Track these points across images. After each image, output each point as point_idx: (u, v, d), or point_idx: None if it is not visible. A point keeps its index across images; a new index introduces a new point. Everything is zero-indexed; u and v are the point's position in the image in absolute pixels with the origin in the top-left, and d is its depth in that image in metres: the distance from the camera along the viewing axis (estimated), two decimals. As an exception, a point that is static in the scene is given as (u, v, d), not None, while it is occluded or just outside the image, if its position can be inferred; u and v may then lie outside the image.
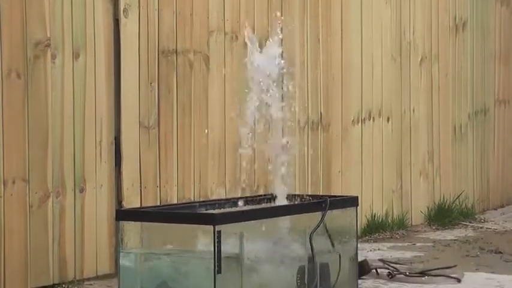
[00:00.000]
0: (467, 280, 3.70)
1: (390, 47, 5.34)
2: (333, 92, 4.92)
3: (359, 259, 3.46)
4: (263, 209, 3.15)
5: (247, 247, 2.83)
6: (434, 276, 3.70)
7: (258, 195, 3.45)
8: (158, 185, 3.96)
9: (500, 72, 6.52)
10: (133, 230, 2.93)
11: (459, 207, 5.74)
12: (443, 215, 5.56)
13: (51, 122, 3.55)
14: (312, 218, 3.09)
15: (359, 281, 3.43)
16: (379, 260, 3.94)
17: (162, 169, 3.99)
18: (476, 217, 5.80)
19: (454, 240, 4.93)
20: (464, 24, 6.05)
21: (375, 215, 5.12)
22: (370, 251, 4.52)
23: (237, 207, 3.19)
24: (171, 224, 2.85)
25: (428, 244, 4.79)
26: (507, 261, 4.20)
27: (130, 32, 3.86)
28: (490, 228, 5.43)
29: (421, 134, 5.61)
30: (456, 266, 3.90)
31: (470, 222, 5.60)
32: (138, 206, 3.82)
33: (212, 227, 2.70)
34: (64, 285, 3.55)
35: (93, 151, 3.71)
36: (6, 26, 3.39)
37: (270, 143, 3.21)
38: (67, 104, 3.61)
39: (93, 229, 3.70)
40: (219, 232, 2.70)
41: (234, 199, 3.27)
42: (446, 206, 5.67)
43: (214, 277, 2.69)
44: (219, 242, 2.70)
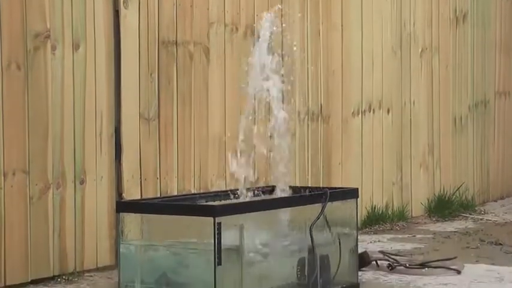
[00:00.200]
0: (467, 272, 3.70)
1: (390, 38, 5.33)
2: (333, 84, 4.92)
3: (359, 251, 3.46)
4: (263, 200, 3.15)
5: (247, 239, 2.83)
6: (435, 267, 3.71)
7: (258, 187, 3.46)
8: (158, 176, 3.96)
9: (500, 64, 6.51)
10: (133, 221, 2.93)
11: (459, 199, 5.74)
12: (443, 207, 5.56)
13: (51, 113, 3.55)
14: (312, 210, 3.09)
15: (359, 272, 3.43)
16: (379, 252, 3.95)
17: (162, 161, 3.99)
18: (476, 209, 5.80)
19: (454, 232, 4.93)
20: (465, 16, 6.04)
21: (375, 207, 5.12)
22: (370, 242, 4.53)
23: (237, 199, 3.19)
24: (171, 216, 2.86)
25: (429, 236, 4.80)
26: (507, 253, 4.20)
27: (131, 23, 3.86)
28: (490, 220, 5.43)
29: (421, 126, 5.61)
30: (456, 257, 3.91)
31: (471, 214, 5.60)
32: (139, 197, 3.82)
33: (212, 218, 2.71)
34: (64, 277, 3.55)
35: (93, 143, 3.71)
36: (6, 18, 3.39)
37: (270, 135, 3.21)
38: (67, 96, 3.61)
39: (93, 221, 3.70)
40: (219, 224, 2.71)
41: (234, 191, 3.27)
42: (447, 198, 5.67)
43: (215, 269, 2.70)
44: (219, 233, 2.70)
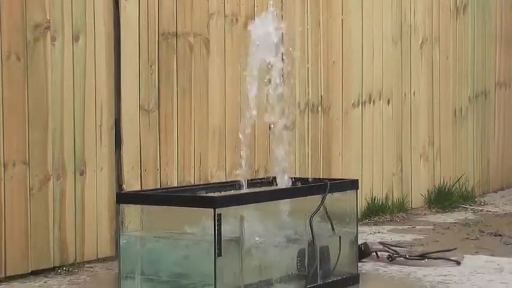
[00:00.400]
0: (467, 263, 3.70)
1: (391, 29, 5.33)
2: (333, 75, 4.92)
3: (359, 242, 3.47)
4: (263, 192, 3.15)
5: (247, 230, 2.83)
6: (434, 259, 3.71)
7: (258, 178, 3.46)
8: (158, 168, 3.97)
9: (501, 55, 6.50)
10: (133, 213, 2.93)
11: (459, 190, 5.74)
12: (443, 198, 5.57)
13: (51, 104, 3.55)
14: (312, 201, 3.09)
15: (359, 263, 3.43)
16: (379, 243, 3.95)
17: (163, 152, 3.99)
18: (476, 200, 5.80)
19: (454, 223, 4.94)
20: (465, 6, 6.03)
21: (375, 198, 5.12)
22: (370, 234, 4.53)
23: (237, 191, 3.20)
24: (172, 207, 2.86)
25: (428, 227, 4.80)
26: (507, 244, 4.20)
27: (130, 15, 3.85)
28: (490, 211, 5.44)
29: (421, 117, 5.60)
30: (456, 248, 3.91)
31: (470, 205, 5.60)
32: (139, 189, 3.82)
33: (212, 210, 2.71)
34: (65, 268, 3.56)
35: (93, 134, 3.71)
36: (6, 8, 3.38)
37: (270, 126, 3.21)
38: (67, 87, 3.61)
39: (93, 212, 3.71)
40: (219, 215, 2.71)
41: (234, 182, 3.27)
42: (447, 189, 5.67)
43: (215, 260, 2.70)
44: (219, 225, 2.70)
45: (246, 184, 3.23)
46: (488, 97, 6.34)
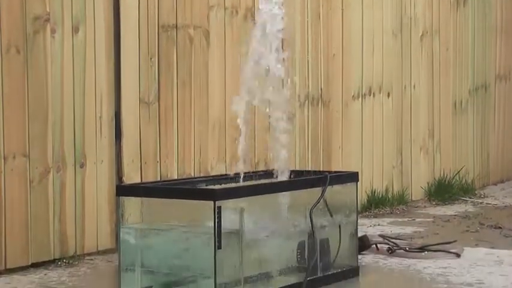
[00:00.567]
0: (466, 255, 3.71)
1: (391, 22, 5.32)
2: (333, 68, 4.91)
3: (359, 234, 3.47)
4: (263, 184, 3.15)
5: (247, 222, 2.83)
6: (434, 251, 3.72)
7: (258, 171, 3.45)
8: (158, 160, 3.96)
9: (501, 47, 6.49)
10: (133, 205, 2.93)
11: (459, 183, 5.74)
12: (443, 191, 5.57)
13: (51, 97, 3.54)
14: (312, 194, 3.09)
15: (359, 256, 3.43)
16: (379, 236, 3.95)
17: (163, 144, 3.98)
18: (476, 192, 5.81)
19: (454, 215, 4.94)
20: (466, -1, 6.03)
21: (375, 191, 5.12)
22: (370, 226, 4.53)
23: (237, 183, 3.19)
24: (172, 200, 2.86)
25: (428, 219, 4.80)
26: (507, 236, 4.21)
27: (130, 7, 3.85)
28: (489, 203, 5.44)
29: (421, 110, 5.60)
30: (456, 241, 3.91)
31: (470, 198, 5.61)
32: (139, 181, 3.82)
33: (212, 202, 2.71)
34: (65, 260, 3.56)
35: (93, 126, 3.71)
36: (6, 1, 3.38)
37: (269, 118, 3.21)
38: (67, 79, 3.61)
39: (93, 204, 3.71)
40: (219, 208, 2.71)
41: (234, 175, 3.27)
42: (447, 182, 5.67)
43: (215, 252, 2.70)
44: (219, 217, 2.70)
45: (246, 177, 3.22)
46: (489, 90, 6.34)
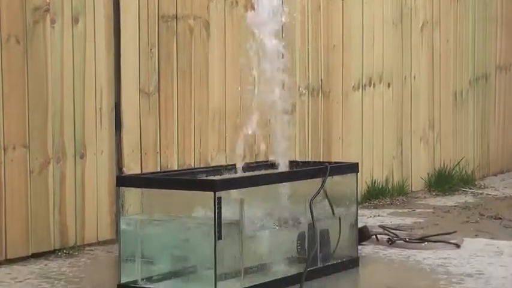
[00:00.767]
0: (466, 246, 3.71)
1: (391, 12, 5.31)
2: (333, 59, 4.91)
3: (359, 225, 3.47)
4: (263, 175, 3.15)
5: (247, 213, 2.83)
6: (434, 242, 3.72)
7: (258, 162, 3.45)
8: (158, 151, 3.96)
9: (501, 38, 6.49)
10: (133, 196, 2.93)
11: (459, 174, 5.74)
12: (443, 181, 5.57)
13: (51, 87, 3.54)
14: (312, 185, 3.09)
15: (359, 247, 3.44)
16: (379, 226, 3.95)
17: (163, 135, 3.98)
18: (476, 183, 5.81)
19: (454, 206, 4.94)
20: (466, -11, 6.01)
21: (375, 182, 5.12)
22: (370, 217, 4.53)
23: (237, 174, 3.19)
24: (172, 190, 2.86)
25: (428, 210, 4.81)
26: (507, 227, 4.21)
27: (130, -2, 3.84)
28: (490, 194, 5.44)
29: (421, 100, 5.60)
30: (456, 232, 3.91)
31: (470, 189, 5.61)
32: (139, 172, 3.82)
33: (212, 193, 2.71)
34: (65, 251, 3.56)
35: (93, 117, 3.71)
36: (5, -9, 3.37)
37: (270, 109, 3.21)
38: (67, 70, 3.60)
39: (93, 195, 3.71)
40: (219, 198, 2.71)
41: (234, 165, 3.27)
42: (447, 172, 5.67)
43: (215, 243, 2.70)
44: (219, 208, 2.70)
45: (246, 167, 3.22)
46: (489, 80, 6.33)
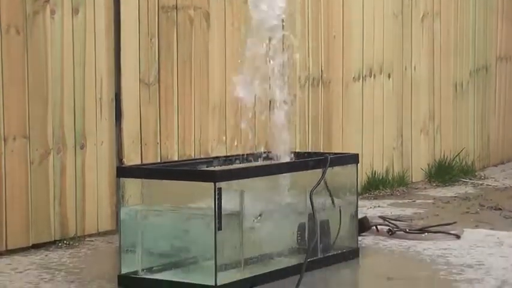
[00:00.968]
0: (466, 236, 3.71)
1: (392, 3, 5.30)
2: (334, 49, 4.90)
3: (359, 216, 3.47)
4: (264, 166, 3.15)
5: (247, 204, 2.83)
6: (434, 233, 3.72)
7: (258, 153, 3.45)
8: (159, 141, 3.96)
9: (502, 29, 6.48)
10: (134, 186, 2.93)
11: (459, 164, 5.74)
12: (443, 172, 5.57)
13: (51, 78, 3.54)
14: (313, 175, 3.09)
15: (359, 237, 3.44)
16: (379, 217, 3.96)
17: (163, 126, 3.98)
18: (476, 174, 5.81)
19: (454, 197, 4.94)
20: (467, -20, 6.00)
21: (375, 172, 5.12)
22: (370, 208, 4.54)
23: (237, 165, 3.19)
24: (172, 181, 2.86)
25: (428, 201, 4.81)
26: (507, 218, 4.21)
27: (130, -12, 3.84)
28: (490, 185, 5.44)
29: (422, 91, 5.59)
30: (456, 222, 3.92)
31: (471, 179, 5.61)
32: (139, 162, 3.82)
33: (213, 184, 2.71)
34: (65, 242, 3.56)
35: (93, 108, 3.71)
36: (5, -18, 3.37)
37: (269, 99, 3.20)
38: (67, 60, 3.60)
39: (94, 185, 3.71)
40: (220, 189, 2.71)
41: (235, 156, 3.27)
42: (447, 163, 5.67)
43: (215, 234, 2.70)
44: (220, 199, 2.70)
45: (246, 158, 3.22)
46: (489, 71, 6.32)
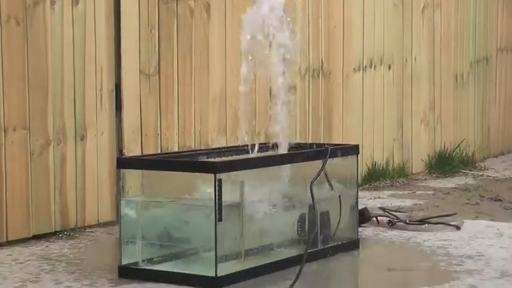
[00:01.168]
0: (466, 227, 3.71)
1: (392, -6, 5.29)
2: (334, 40, 4.89)
3: (359, 207, 3.47)
4: (264, 157, 3.15)
5: (247, 195, 2.83)
6: (434, 224, 3.72)
7: (259, 143, 3.45)
8: (159, 132, 3.96)
9: (503, 20, 6.47)
10: (134, 178, 2.93)
11: (460, 156, 5.74)
12: (443, 163, 5.57)
13: (51, 69, 3.53)
14: (313, 166, 3.09)
15: (359, 228, 3.44)
16: (380, 208, 3.96)
17: (163, 117, 3.98)
18: (476, 165, 5.81)
19: (454, 188, 4.94)
20: (467, -29, 5.99)
21: (375, 163, 5.13)
22: (371, 199, 4.54)
23: (237, 156, 3.19)
24: (172, 172, 2.86)
25: (429, 192, 4.81)
26: (507, 209, 4.22)
27: (130, -21, 3.83)
28: (490, 176, 5.45)
29: (422, 82, 5.59)
30: (456, 213, 3.92)
31: (471, 170, 5.61)
32: (139, 153, 3.82)
33: (213, 175, 2.71)
34: (66, 233, 3.57)
35: (93, 98, 3.70)
36: (5, -28, 3.36)
37: (270, 90, 3.20)
38: (67, 51, 3.59)
39: (94, 176, 3.71)
40: (220, 180, 2.71)
41: (235, 147, 3.27)
42: (447, 154, 5.67)
43: (215, 225, 2.71)
44: (220, 190, 2.70)
45: (247, 149, 3.22)
46: (490, 62, 6.32)
